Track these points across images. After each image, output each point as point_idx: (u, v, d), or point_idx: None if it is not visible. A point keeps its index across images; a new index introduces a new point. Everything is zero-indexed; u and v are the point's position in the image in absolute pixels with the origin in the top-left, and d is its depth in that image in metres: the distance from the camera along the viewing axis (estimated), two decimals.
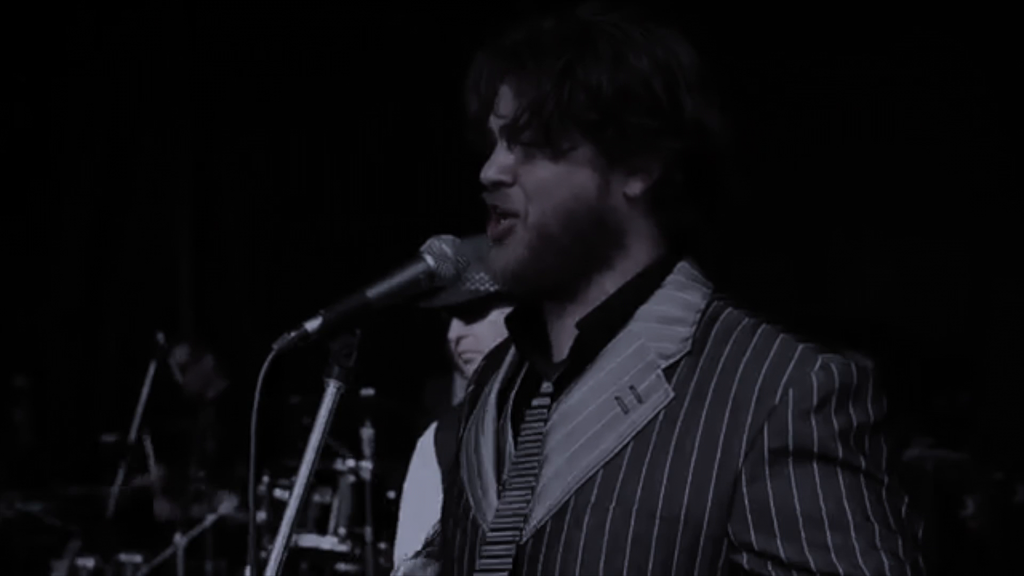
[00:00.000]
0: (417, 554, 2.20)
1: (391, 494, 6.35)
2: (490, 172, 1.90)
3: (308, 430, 1.86)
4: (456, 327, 3.16)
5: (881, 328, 5.97)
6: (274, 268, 8.67)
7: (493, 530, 1.90)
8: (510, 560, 1.86)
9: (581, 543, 1.81)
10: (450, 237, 1.93)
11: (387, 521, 6.18)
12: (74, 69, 9.14)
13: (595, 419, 1.85)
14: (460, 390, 6.35)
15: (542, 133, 1.86)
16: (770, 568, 1.76)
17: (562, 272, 1.89)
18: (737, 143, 1.91)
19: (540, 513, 1.85)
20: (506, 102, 1.89)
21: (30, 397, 8.29)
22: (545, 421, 1.89)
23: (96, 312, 9.27)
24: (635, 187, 1.88)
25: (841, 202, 6.84)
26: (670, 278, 1.90)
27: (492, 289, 3.00)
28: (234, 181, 8.88)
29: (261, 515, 6.18)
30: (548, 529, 1.84)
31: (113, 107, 9.08)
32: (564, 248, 1.88)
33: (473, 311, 3.09)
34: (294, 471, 1.86)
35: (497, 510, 1.90)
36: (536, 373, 1.96)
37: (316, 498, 6.26)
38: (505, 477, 1.91)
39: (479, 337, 3.08)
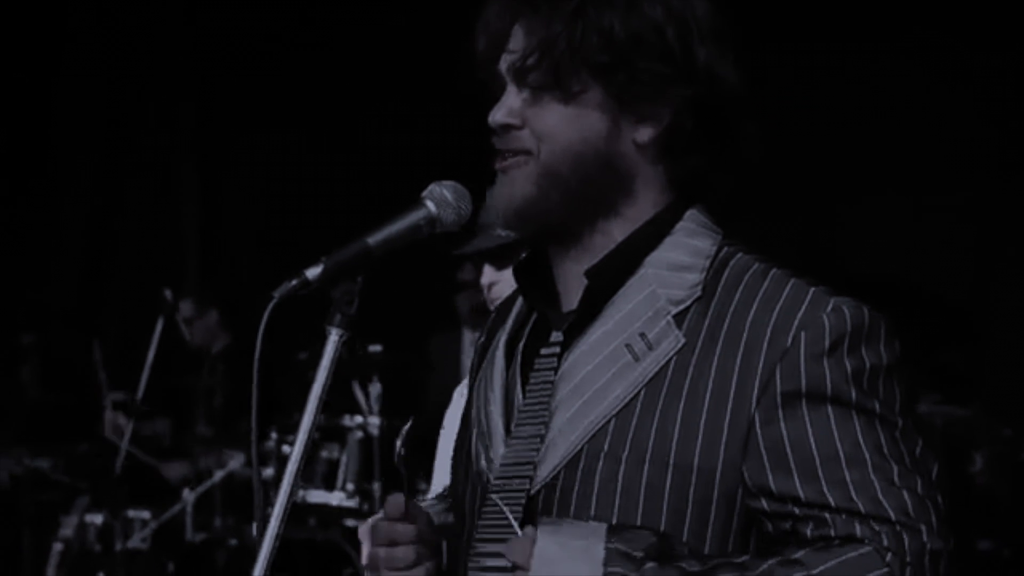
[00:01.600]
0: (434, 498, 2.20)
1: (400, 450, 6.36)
2: (498, 115, 1.89)
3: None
4: (488, 273, 3.16)
5: (888, 284, 5.95)
6: (279, 224, 8.66)
7: (499, 478, 1.89)
8: (520, 509, 1.85)
9: (594, 493, 1.81)
10: (452, 183, 1.91)
11: (395, 477, 6.19)
12: (80, 31, 9.13)
13: (606, 367, 1.84)
14: (467, 344, 6.35)
15: (552, 74, 1.84)
16: (791, 507, 1.76)
17: (566, 215, 1.88)
18: (749, 94, 1.89)
19: (551, 464, 1.84)
20: (517, 41, 1.88)
21: (37, 355, 8.31)
22: (555, 371, 1.88)
23: (102, 269, 9.28)
24: (644, 134, 1.87)
25: (847, 159, 6.81)
26: (680, 225, 1.89)
27: None
28: (239, 142, 8.86)
29: (269, 471, 6.18)
30: (560, 479, 1.83)
31: (118, 67, 9.07)
32: (571, 190, 1.86)
33: (504, 257, 3.08)
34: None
35: (503, 458, 1.89)
36: (544, 324, 1.95)
37: (324, 454, 6.27)
38: (513, 427, 1.90)
39: (509, 283, 3.08)
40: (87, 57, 9.13)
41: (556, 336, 1.91)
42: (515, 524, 1.83)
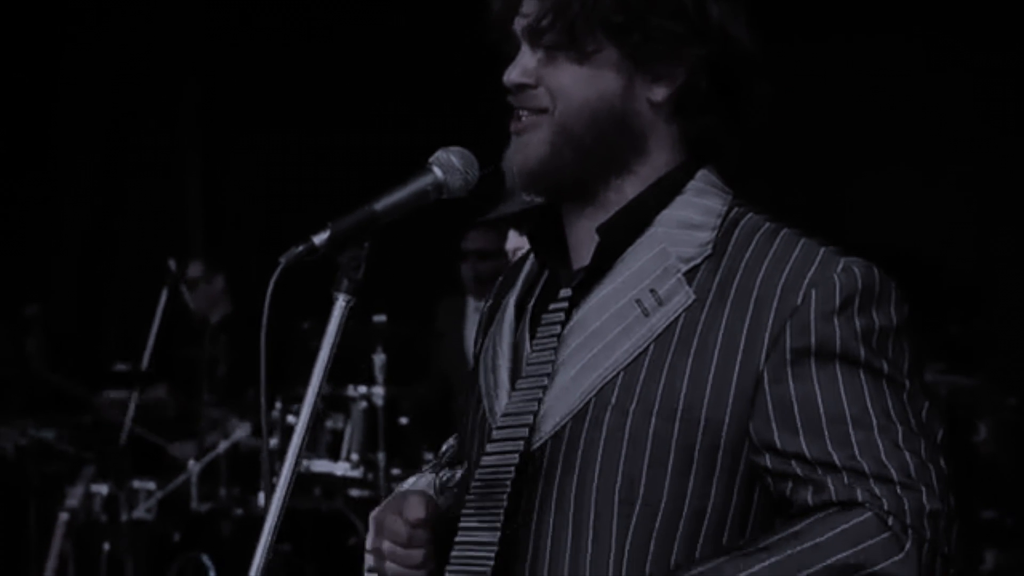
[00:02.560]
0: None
1: (403, 420, 6.37)
2: (513, 75, 1.90)
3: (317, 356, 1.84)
4: (513, 238, 3.16)
5: (893, 255, 5.94)
6: (283, 194, 8.66)
7: (499, 428, 1.90)
8: (516, 456, 1.86)
9: (601, 445, 1.82)
10: (459, 149, 1.91)
11: (399, 446, 6.20)
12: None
13: (615, 323, 1.85)
14: (471, 312, 6.35)
15: (566, 34, 1.85)
16: (795, 466, 1.76)
17: (580, 173, 1.89)
18: (762, 54, 1.90)
19: (558, 416, 1.85)
20: (530, 3, 1.89)
21: (41, 326, 8.31)
22: (563, 325, 1.89)
23: (107, 240, 9.28)
24: (659, 93, 1.88)
25: (853, 132, 6.81)
26: (690, 184, 1.90)
27: None
28: (243, 109, 8.85)
29: (273, 441, 6.19)
30: (567, 431, 1.84)
31: (123, 31, 9.05)
32: (585, 148, 1.87)
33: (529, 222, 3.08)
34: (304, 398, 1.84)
35: (505, 409, 1.91)
36: (555, 282, 1.97)
37: (328, 424, 6.28)
38: (518, 381, 1.91)
39: None
40: (93, 23, 9.12)
41: (565, 292, 1.93)
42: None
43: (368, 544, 2.00)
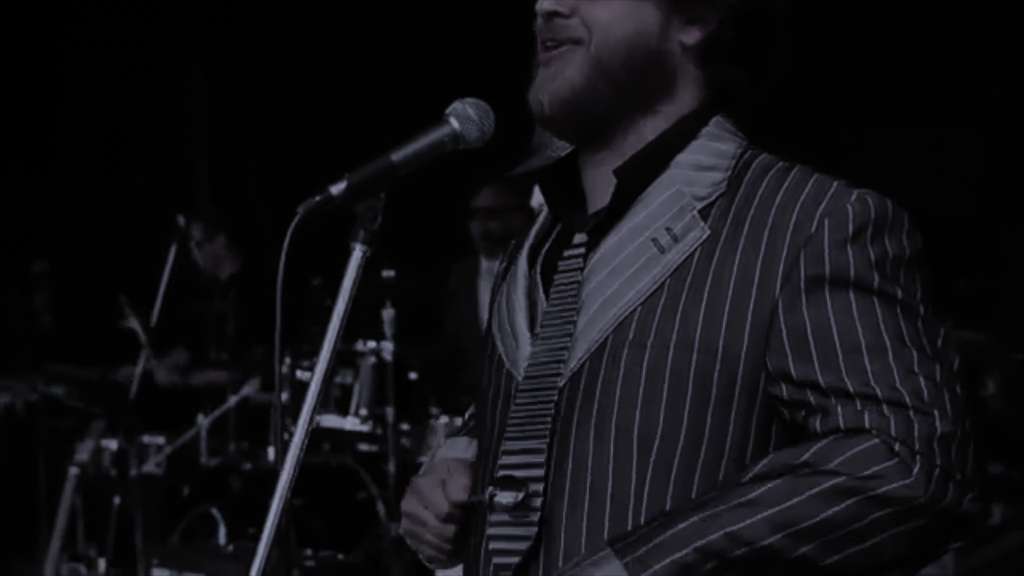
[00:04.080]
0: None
1: (412, 375, 6.38)
2: (547, 2, 1.91)
3: (330, 312, 1.85)
4: (538, 194, 3.17)
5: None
6: (291, 150, 8.64)
7: (527, 377, 1.91)
8: (551, 405, 1.87)
9: (619, 381, 1.83)
10: (474, 100, 1.92)
11: (408, 402, 6.21)
12: None
13: (631, 261, 1.86)
14: (486, 271, 6.35)
15: None
16: (809, 395, 1.78)
17: (611, 109, 1.91)
18: (791, 12, 1.93)
19: (577, 355, 1.86)
20: None
21: (49, 282, 8.33)
22: (581, 270, 1.90)
23: (115, 196, 9.29)
24: (691, 35, 1.91)
25: (859, 87, 6.80)
26: (705, 130, 1.92)
27: None
28: (249, 69, 8.83)
29: (283, 396, 6.19)
30: (586, 369, 1.86)
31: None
32: (620, 83, 1.90)
33: None
34: (316, 353, 1.86)
35: (532, 355, 1.91)
36: (569, 231, 1.98)
37: (337, 379, 6.28)
38: (538, 328, 1.93)
39: None
40: None
41: (580, 238, 1.94)
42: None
43: (405, 506, 2.04)
